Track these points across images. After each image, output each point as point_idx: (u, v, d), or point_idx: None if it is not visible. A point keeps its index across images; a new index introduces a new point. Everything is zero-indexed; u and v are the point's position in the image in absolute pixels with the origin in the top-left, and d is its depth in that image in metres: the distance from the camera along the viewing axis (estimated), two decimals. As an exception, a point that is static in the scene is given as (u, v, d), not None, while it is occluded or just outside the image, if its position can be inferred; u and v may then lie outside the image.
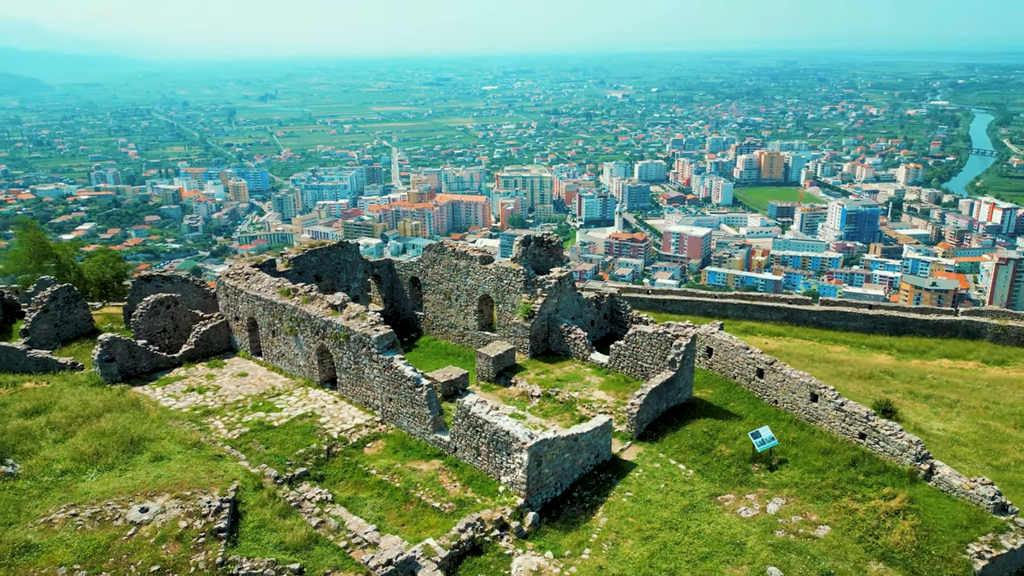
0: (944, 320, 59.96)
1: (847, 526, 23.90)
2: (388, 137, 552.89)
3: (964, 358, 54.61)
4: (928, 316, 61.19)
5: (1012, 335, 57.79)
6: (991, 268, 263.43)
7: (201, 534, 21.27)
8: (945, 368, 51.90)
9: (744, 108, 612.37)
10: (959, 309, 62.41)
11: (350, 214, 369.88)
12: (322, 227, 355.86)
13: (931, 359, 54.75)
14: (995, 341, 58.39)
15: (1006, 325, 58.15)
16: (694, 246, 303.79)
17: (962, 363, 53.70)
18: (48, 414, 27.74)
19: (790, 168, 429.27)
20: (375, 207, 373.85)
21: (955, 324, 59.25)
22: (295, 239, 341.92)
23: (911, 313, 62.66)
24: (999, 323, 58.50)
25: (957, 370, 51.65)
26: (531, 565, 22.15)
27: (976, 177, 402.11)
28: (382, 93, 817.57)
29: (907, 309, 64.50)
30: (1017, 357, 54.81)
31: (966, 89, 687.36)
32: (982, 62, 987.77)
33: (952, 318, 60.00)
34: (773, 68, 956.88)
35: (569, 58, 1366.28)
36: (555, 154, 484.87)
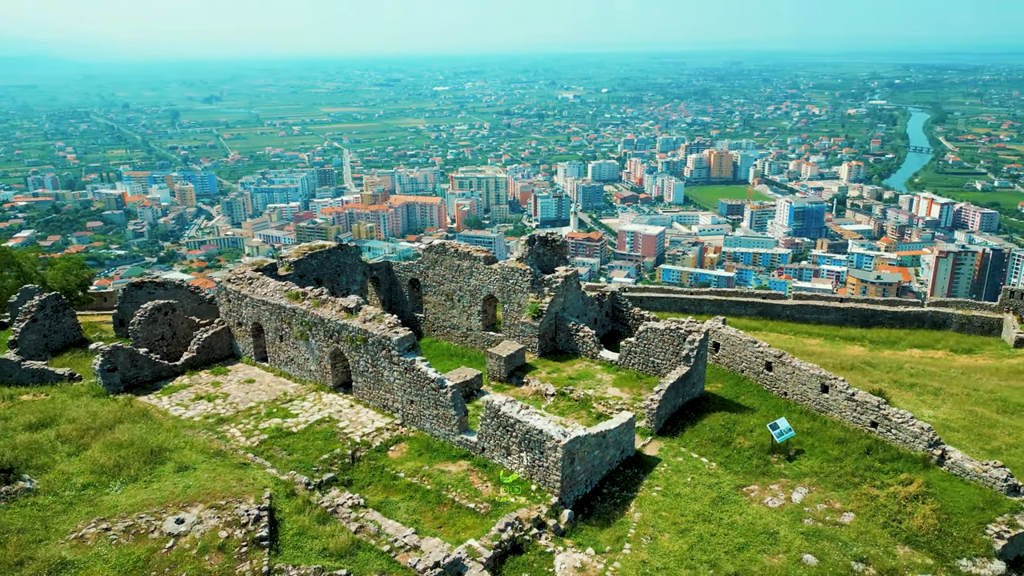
0: (912, 311, 62.18)
1: (870, 512, 24.71)
2: (339, 138, 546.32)
3: (933, 347, 56.69)
4: (896, 308, 63.42)
5: (976, 324, 60.27)
6: (931, 261, 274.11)
7: (243, 543, 20.83)
8: (916, 358, 53.81)
9: (692, 108, 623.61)
10: (925, 301, 64.80)
11: (302, 217, 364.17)
12: (273, 231, 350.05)
13: (902, 349, 56.72)
14: (960, 330, 60.80)
15: (970, 315, 60.60)
16: (648, 244, 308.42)
17: (932, 352, 55.76)
18: (56, 427, 26.73)
19: (739, 167, 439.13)
20: (328, 209, 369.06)
21: (922, 315, 61.47)
22: (246, 243, 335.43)
23: (880, 305, 64.88)
24: (964, 313, 60.95)
25: (929, 359, 53.60)
26: (574, 562, 22.31)
27: (914, 174, 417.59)
28: (331, 94, 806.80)
29: (876, 301, 66.79)
30: (983, 345, 57.19)
31: (903, 89, 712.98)
32: (917, 62, 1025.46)
33: (919, 309, 62.27)
34: (719, 69, 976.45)
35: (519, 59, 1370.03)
36: (509, 155, 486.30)
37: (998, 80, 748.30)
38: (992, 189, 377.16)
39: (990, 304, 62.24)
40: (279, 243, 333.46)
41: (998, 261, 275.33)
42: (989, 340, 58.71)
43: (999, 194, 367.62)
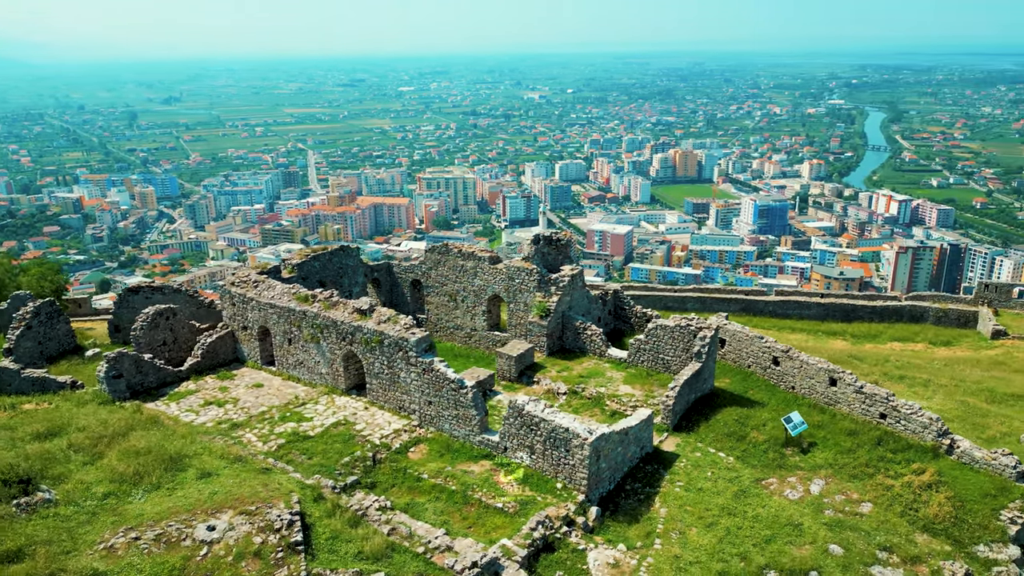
0: (890, 306, 63.62)
1: (887, 502, 25.34)
2: (303, 140, 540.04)
3: (912, 340, 58.07)
4: (875, 302, 64.83)
5: (952, 317, 61.89)
6: (891, 257, 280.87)
7: (278, 549, 20.57)
8: (898, 351, 55.11)
9: (657, 108, 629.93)
10: (902, 295, 66.39)
11: (268, 219, 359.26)
12: (238, 233, 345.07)
13: (883, 343, 58.00)
14: (937, 323, 62.37)
15: (947, 308, 62.21)
16: (617, 243, 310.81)
17: (912, 345, 57.12)
18: (66, 436, 26.06)
19: (703, 166, 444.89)
20: (294, 211, 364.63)
21: (900, 309, 62.93)
22: (210, 247, 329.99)
23: (859, 300, 66.25)
24: (940, 307, 62.54)
25: (911, 352, 54.93)
26: (607, 558, 22.48)
27: (873, 171, 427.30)
28: (294, 95, 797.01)
29: (856, 296, 68.22)
30: (960, 338, 58.78)
31: (860, 88, 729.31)
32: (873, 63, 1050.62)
33: (898, 303, 63.73)
34: (682, 69, 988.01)
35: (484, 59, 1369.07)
36: (476, 155, 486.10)
37: (951, 80, 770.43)
38: (947, 186, 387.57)
39: (965, 297, 64.00)
40: (244, 246, 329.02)
41: (955, 256, 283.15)
42: (966, 332, 60.31)
43: (954, 191, 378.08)
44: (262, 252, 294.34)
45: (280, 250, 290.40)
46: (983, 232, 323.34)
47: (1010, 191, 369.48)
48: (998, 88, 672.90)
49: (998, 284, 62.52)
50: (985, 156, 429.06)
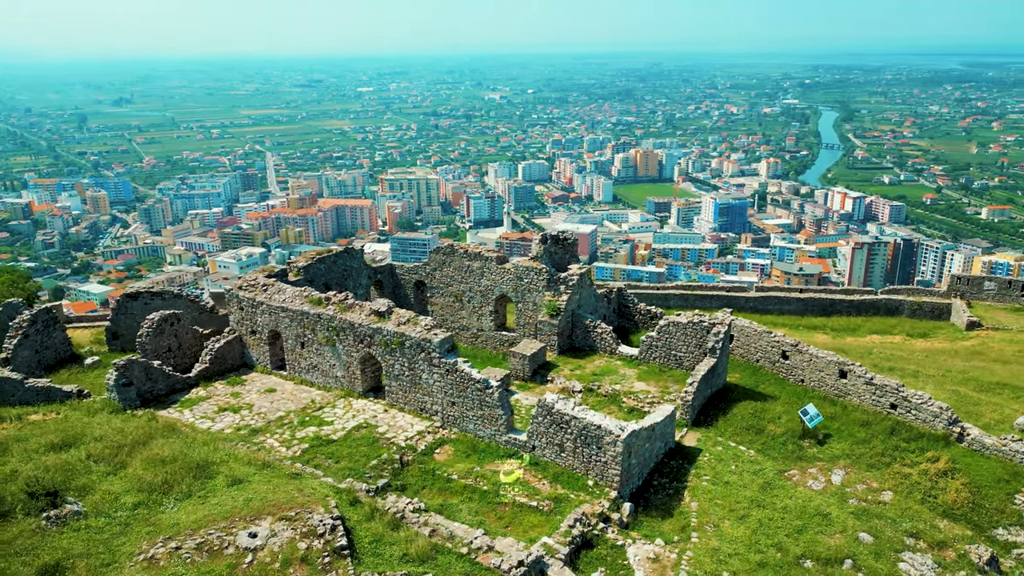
0: (867, 299, 65.28)
1: (906, 489, 26.10)
2: (261, 141, 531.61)
3: (890, 333, 59.65)
4: (852, 296, 66.45)
5: (927, 310, 63.74)
6: (848, 252, 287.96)
7: (324, 554, 20.32)
8: (878, 343, 56.57)
9: (617, 108, 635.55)
10: (878, 289, 68.19)
11: (226, 223, 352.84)
12: (196, 238, 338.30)
13: (862, 336, 59.48)
14: (912, 316, 64.14)
15: (921, 301, 64.07)
16: (581, 243, 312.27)
17: (890, 337, 58.66)
18: (83, 446, 25.31)
19: (664, 165, 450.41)
20: (254, 215, 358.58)
21: (877, 302, 64.61)
22: (167, 252, 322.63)
23: (837, 294, 67.82)
24: (915, 299, 64.38)
25: (891, 344, 56.44)
26: (647, 553, 22.71)
27: (827, 169, 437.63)
28: (250, 96, 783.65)
29: (833, 291, 69.83)
30: (935, 330, 60.55)
31: (813, 88, 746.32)
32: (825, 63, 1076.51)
33: (874, 297, 65.42)
34: (641, 69, 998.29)
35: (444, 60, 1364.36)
36: (438, 155, 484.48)
37: (899, 79, 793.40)
38: (899, 183, 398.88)
39: (938, 290, 65.96)
40: (203, 251, 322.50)
41: (908, 251, 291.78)
42: (940, 324, 62.15)
43: (905, 187, 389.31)
44: (222, 256, 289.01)
45: (241, 254, 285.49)
46: (934, 227, 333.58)
47: (958, 187, 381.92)
48: (944, 87, 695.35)
49: (969, 277, 64.55)
50: (934, 154, 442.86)
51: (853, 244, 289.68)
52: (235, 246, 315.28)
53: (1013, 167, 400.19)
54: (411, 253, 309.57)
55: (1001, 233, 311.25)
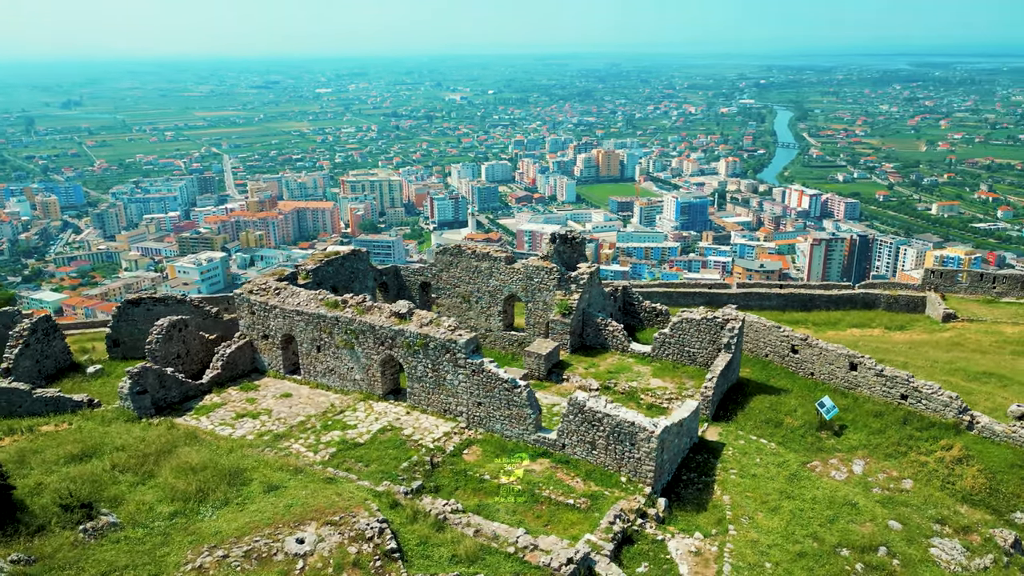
0: (845, 294, 66.88)
1: (925, 477, 26.90)
2: (217, 144, 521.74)
3: (869, 326, 61.25)
4: (831, 291, 68.03)
5: (902, 303, 65.60)
6: (806, 249, 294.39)
7: (375, 557, 20.13)
8: (859, 336, 58.04)
9: (577, 109, 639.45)
10: (855, 283, 69.94)
11: (184, 227, 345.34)
12: (152, 243, 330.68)
13: (843, 329, 60.95)
14: (888, 309, 65.96)
15: (897, 295, 65.88)
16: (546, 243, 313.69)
17: (870, 331, 60.24)
18: (106, 456, 24.64)
19: (625, 165, 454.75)
20: (212, 218, 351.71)
21: (854, 297, 66.23)
22: (122, 258, 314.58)
23: (816, 289, 69.36)
24: (891, 293, 66.18)
25: (872, 337, 57.93)
26: (688, 547, 22.99)
27: (784, 167, 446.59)
28: (205, 97, 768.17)
29: (812, 286, 71.40)
30: (912, 322, 62.34)
31: (768, 88, 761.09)
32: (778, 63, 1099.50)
33: (851, 292, 67.03)
34: (600, 70, 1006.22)
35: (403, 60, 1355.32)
36: (400, 157, 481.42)
37: (850, 79, 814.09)
38: (852, 180, 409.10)
39: (913, 284, 67.92)
40: (160, 256, 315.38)
41: (864, 246, 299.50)
42: (917, 317, 64.00)
43: (859, 184, 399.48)
44: (181, 262, 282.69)
45: (201, 259, 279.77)
46: (887, 223, 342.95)
47: (909, 184, 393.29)
48: (893, 87, 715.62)
49: (943, 271, 66.53)
50: (885, 152, 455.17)
51: (811, 241, 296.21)
52: (194, 251, 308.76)
53: (960, 164, 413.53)
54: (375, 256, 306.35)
55: (951, 228, 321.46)
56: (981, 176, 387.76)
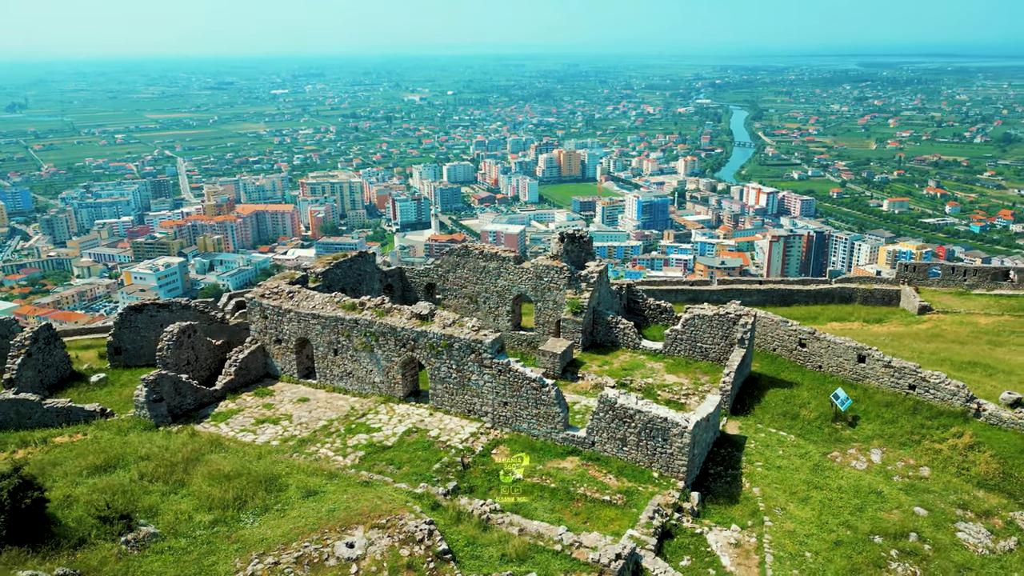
0: (822, 289, 68.43)
1: (940, 464, 27.73)
2: (171, 146, 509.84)
3: (848, 320, 62.76)
4: (809, 286, 69.54)
5: (878, 297, 67.40)
6: (765, 245, 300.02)
7: (428, 559, 19.98)
8: (839, 330, 59.43)
9: (537, 109, 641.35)
10: (832, 278, 71.61)
11: (138, 232, 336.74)
12: (105, 248, 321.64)
13: (823, 324, 62.24)
14: (864, 303, 67.68)
15: (872, 289, 67.65)
16: (511, 243, 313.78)
17: (849, 324, 61.73)
18: (131, 466, 24.00)
19: (586, 165, 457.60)
20: (168, 223, 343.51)
21: (831, 291, 67.81)
22: (74, 264, 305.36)
23: (794, 285, 70.83)
24: (866, 288, 67.92)
25: (852, 331, 59.23)
26: (727, 539, 23.34)
27: (741, 166, 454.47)
28: (156, 99, 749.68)
29: (791, 281, 72.92)
30: (889, 315, 64.07)
31: (723, 88, 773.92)
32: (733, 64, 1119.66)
33: (828, 286, 68.63)
34: (559, 71, 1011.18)
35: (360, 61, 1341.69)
36: (360, 158, 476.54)
37: (802, 80, 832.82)
38: (807, 178, 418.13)
39: (887, 278, 69.84)
40: (114, 262, 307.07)
41: (820, 243, 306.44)
42: (893, 310, 65.80)
43: (813, 182, 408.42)
44: (137, 268, 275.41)
45: (158, 264, 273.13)
46: (841, 220, 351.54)
47: (860, 181, 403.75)
48: (844, 87, 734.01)
49: (916, 264, 68.46)
50: (837, 150, 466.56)
51: (770, 237, 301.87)
52: (150, 256, 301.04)
53: (909, 161, 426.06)
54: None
55: (902, 223, 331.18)
56: (929, 173, 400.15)
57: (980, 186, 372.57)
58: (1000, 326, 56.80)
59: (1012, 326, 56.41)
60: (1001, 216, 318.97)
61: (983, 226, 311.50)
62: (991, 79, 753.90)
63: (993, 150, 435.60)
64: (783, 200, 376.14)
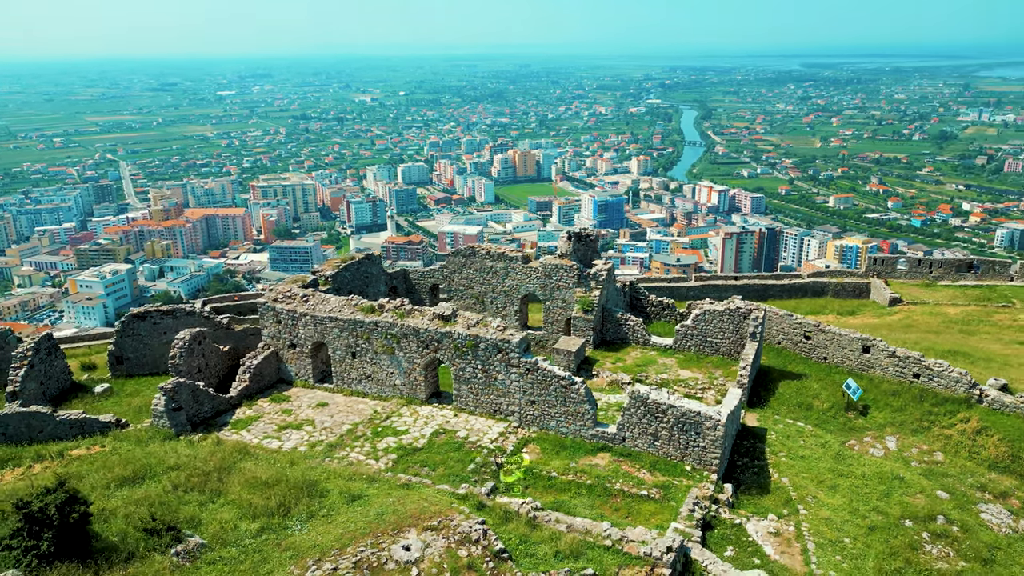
0: (796, 283, 70.08)
1: (952, 449, 28.78)
2: (113, 150, 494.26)
3: (822, 313, 64.31)
4: (783, 281, 71.12)
5: (849, 290, 69.33)
6: (718, 242, 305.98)
7: (486, 559, 19.89)
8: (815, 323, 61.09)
9: (490, 110, 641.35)
10: (805, 272, 73.41)
11: (81, 239, 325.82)
12: (47, 256, 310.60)
13: (800, 317, 63.92)
14: (836, 296, 69.56)
15: (843, 282, 69.60)
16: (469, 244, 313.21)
17: (823, 317, 63.11)
18: (162, 477, 23.28)
19: (541, 165, 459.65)
20: (113, 228, 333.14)
21: (805, 285, 69.50)
22: (14, 273, 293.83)
23: (769, 280, 72.36)
24: (838, 281, 69.84)
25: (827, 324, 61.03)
26: (766, 528, 23.80)
27: (692, 165, 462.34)
28: (96, 101, 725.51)
29: (765, 276, 74.49)
30: (861, 307, 65.92)
31: (673, 89, 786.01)
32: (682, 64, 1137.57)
33: (802, 280, 70.32)
34: (510, 71, 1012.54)
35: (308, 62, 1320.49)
36: (312, 160, 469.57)
37: (749, 79, 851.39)
38: (756, 176, 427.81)
39: (857, 271, 71.97)
40: (56, 270, 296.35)
41: (772, 239, 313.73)
42: (864, 302, 67.73)
43: (762, 180, 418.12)
44: (83, 276, 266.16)
45: (105, 271, 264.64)
46: (790, 216, 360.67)
47: (807, 178, 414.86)
48: (788, 87, 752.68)
49: (884, 258, 70.63)
50: (784, 148, 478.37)
51: (723, 235, 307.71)
52: (95, 263, 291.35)
53: (852, 159, 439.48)
54: (291, 262, 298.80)
55: (848, 219, 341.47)
56: (871, 170, 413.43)
57: (919, 182, 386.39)
58: (969, 316, 58.88)
59: (979, 315, 58.51)
60: (940, 210, 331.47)
61: (924, 220, 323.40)
62: (927, 78, 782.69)
63: (931, 147, 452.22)
64: (734, 198, 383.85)
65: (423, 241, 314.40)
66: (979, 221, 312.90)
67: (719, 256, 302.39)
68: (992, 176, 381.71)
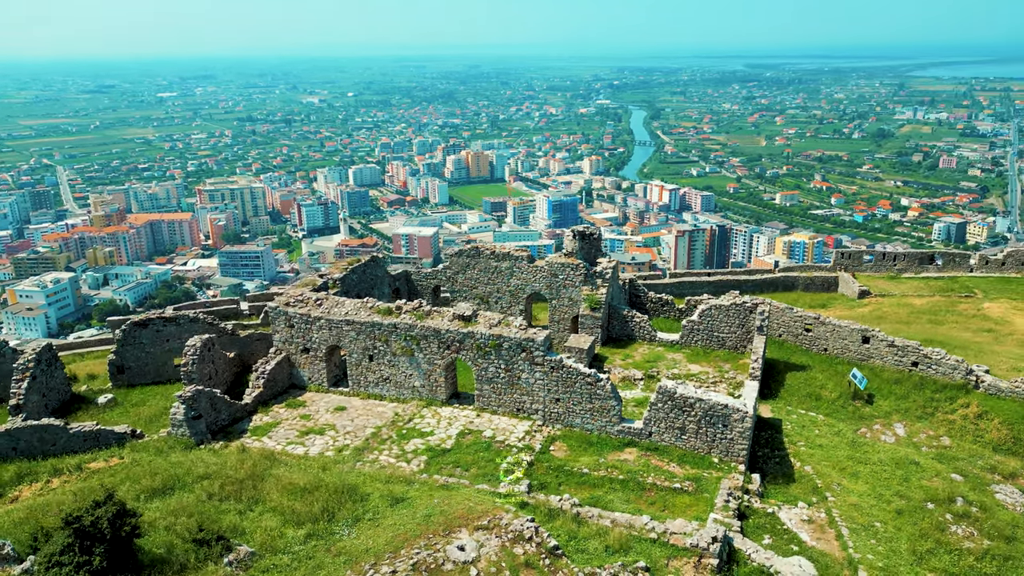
0: (767, 278, 71.65)
1: (958, 433, 29.92)
2: (48, 154, 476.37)
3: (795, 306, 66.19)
4: (754, 276, 72.73)
5: (818, 283, 71.22)
6: (671, 240, 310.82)
7: (542, 555, 19.92)
8: (790, 317, 62.65)
9: (441, 111, 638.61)
10: (776, 267, 75.27)
11: (18, 247, 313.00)
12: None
13: (772, 311, 65.49)
14: (806, 290, 71.37)
15: (812, 276, 71.51)
16: (424, 245, 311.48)
17: (796, 311, 65.10)
18: (194, 487, 22.65)
19: (495, 166, 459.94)
20: (52, 236, 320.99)
21: (775, 280, 71.13)
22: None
23: (741, 275, 73.94)
24: (807, 275, 71.72)
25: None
26: (799, 516, 24.36)
27: (643, 164, 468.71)
28: (30, 104, 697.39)
29: (738, 272, 76.05)
30: (831, 300, 67.81)
31: (621, 89, 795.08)
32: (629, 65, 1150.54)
33: (773, 275, 71.96)
34: (460, 72, 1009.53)
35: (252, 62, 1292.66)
36: (259, 163, 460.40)
37: (695, 80, 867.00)
38: (705, 174, 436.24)
39: (825, 266, 74.07)
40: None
41: (723, 236, 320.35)
42: (833, 295, 69.68)
43: (711, 178, 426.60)
44: (22, 285, 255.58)
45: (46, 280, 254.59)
46: (738, 213, 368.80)
47: (754, 176, 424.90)
48: (733, 87, 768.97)
49: (851, 252, 72.81)
50: (731, 147, 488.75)
51: (675, 233, 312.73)
52: (34, 272, 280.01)
53: (796, 157, 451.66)
54: (242, 267, 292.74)
55: (794, 215, 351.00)
56: (815, 167, 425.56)
57: (860, 179, 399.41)
58: (935, 306, 61.07)
59: (945, 305, 60.75)
60: (880, 206, 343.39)
61: (865, 216, 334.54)
62: (864, 78, 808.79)
63: (870, 145, 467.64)
64: (684, 196, 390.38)
65: (377, 243, 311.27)
66: (917, 216, 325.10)
67: (672, 254, 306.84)
68: (928, 172, 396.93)
